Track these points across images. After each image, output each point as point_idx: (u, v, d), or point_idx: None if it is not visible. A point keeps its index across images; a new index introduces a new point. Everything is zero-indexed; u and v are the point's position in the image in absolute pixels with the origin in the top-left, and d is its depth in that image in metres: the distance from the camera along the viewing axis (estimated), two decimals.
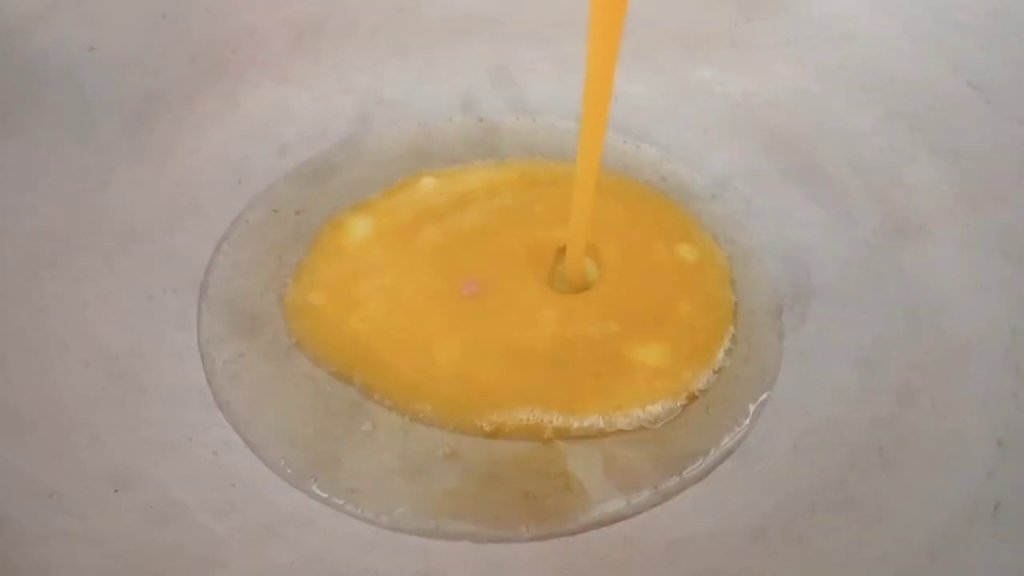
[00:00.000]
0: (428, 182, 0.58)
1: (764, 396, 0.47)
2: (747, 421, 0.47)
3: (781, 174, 0.57)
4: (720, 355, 0.49)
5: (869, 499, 0.42)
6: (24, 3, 0.54)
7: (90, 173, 0.53)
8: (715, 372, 0.49)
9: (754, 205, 0.56)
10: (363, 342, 0.49)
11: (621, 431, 0.46)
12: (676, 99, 0.61)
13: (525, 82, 0.63)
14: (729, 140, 0.60)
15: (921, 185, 0.53)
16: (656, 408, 0.47)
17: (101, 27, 0.56)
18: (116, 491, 0.42)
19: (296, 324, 0.50)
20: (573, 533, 0.43)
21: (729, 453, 0.46)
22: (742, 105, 0.60)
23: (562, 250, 0.52)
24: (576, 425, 0.46)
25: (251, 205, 0.56)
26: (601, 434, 0.46)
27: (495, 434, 0.46)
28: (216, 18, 0.60)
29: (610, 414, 0.47)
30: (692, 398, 0.48)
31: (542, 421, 0.46)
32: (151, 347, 0.48)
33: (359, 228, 0.55)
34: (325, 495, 0.44)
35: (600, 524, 0.43)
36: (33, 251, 0.49)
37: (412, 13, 0.63)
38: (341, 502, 0.44)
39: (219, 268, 0.53)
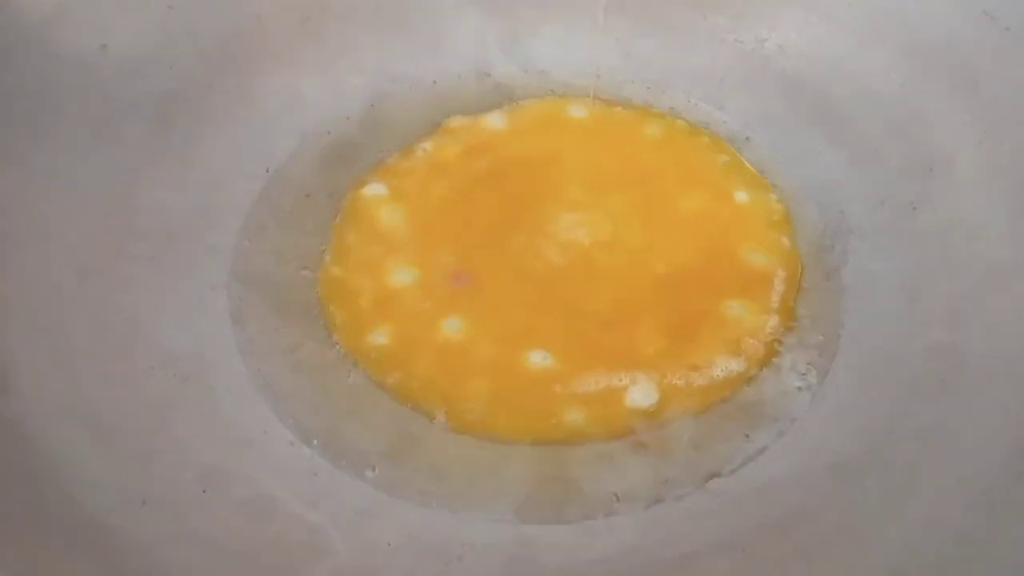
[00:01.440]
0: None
1: (821, 337, 0.48)
2: (808, 363, 0.48)
3: (801, 118, 0.58)
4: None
5: (938, 426, 0.43)
6: (34, 7, 0.52)
7: (120, 176, 0.52)
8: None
9: (778, 151, 0.57)
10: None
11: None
12: (688, 50, 0.62)
13: (534, 45, 0.63)
14: (745, 88, 0.60)
15: (943, 118, 0.54)
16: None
17: (111, 24, 0.55)
18: (204, 491, 0.42)
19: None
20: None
21: (792, 394, 0.47)
22: (756, 52, 0.61)
23: None
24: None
25: (283, 193, 0.56)
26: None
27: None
28: (221, 8, 0.59)
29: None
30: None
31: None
32: (210, 345, 0.49)
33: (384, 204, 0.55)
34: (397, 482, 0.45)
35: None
36: (80, 260, 0.49)
37: None
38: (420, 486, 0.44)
39: (263, 259, 0.53)
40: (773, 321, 0.50)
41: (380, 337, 0.50)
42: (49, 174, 0.50)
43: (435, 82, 0.61)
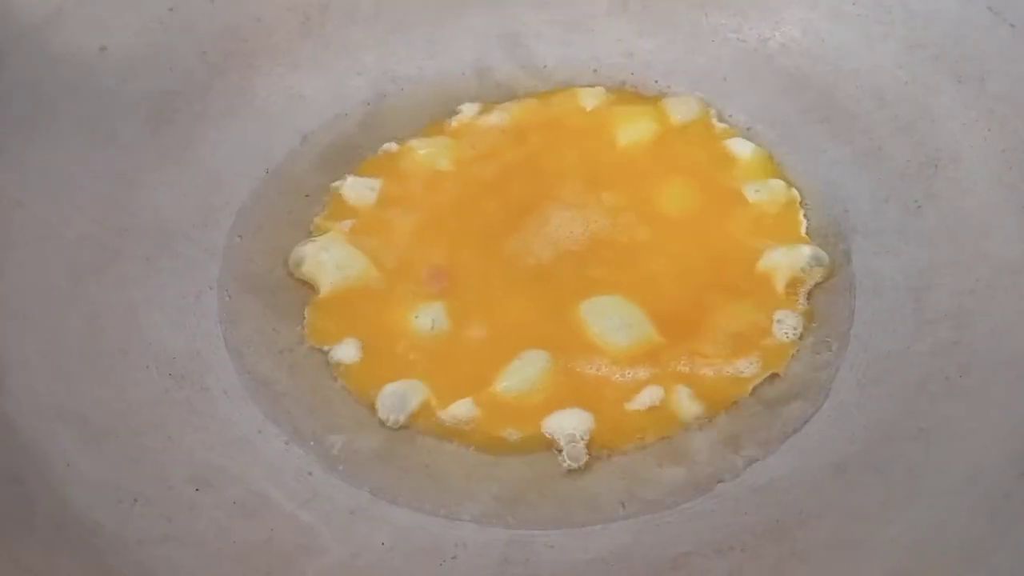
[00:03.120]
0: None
1: (825, 336, 0.48)
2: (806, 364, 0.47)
3: (805, 116, 0.58)
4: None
5: (942, 426, 0.42)
6: (33, 8, 0.53)
7: (118, 176, 0.53)
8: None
9: (782, 148, 0.57)
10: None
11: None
12: (691, 49, 0.61)
13: (535, 44, 0.63)
14: (748, 86, 0.60)
15: (949, 114, 0.53)
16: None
17: (110, 26, 0.55)
18: (197, 490, 0.42)
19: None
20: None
21: (794, 396, 0.46)
22: (758, 50, 0.60)
23: None
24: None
25: (282, 193, 0.55)
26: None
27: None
28: (221, 9, 0.59)
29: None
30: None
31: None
32: (206, 345, 0.48)
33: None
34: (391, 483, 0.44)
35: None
36: (75, 259, 0.49)
37: None
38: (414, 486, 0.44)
39: (261, 259, 0.52)
40: (782, 321, 0.49)
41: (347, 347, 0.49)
42: (46, 174, 0.50)
43: (435, 82, 0.61)
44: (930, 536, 0.38)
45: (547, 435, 0.45)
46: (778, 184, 0.54)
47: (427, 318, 0.49)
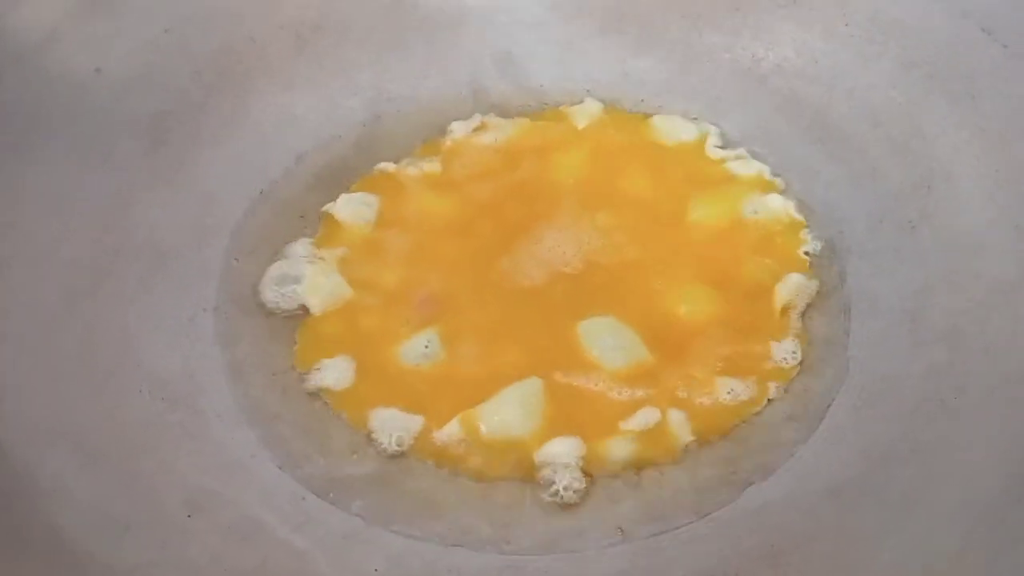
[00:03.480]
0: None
1: (819, 357, 0.48)
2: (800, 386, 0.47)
3: (799, 136, 0.58)
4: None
5: (938, 448, 0.42)
6: (28, 30, 0.53)
7: (112, 197, 0.52)
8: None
9: (775, 168, 0.57)
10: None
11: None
12: (685, 69, 0.61)
13: (529, 63, 0.63)
14: (741, 107, 0.60)
15: (942, 133, 0.53)
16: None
17: (105, 48, 0.55)
18: (189, 516, 0.42)
19: None
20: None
21: (788, 418, 0.46)
22: (752, 70, 0.60)
23: None
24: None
25: (277, 214, 0.55)
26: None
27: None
28: (215, 29, 0.59)
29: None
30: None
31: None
32: (200, 367, 0.48)
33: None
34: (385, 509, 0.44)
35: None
36: (69, 280, 0.48)
37: (406, 8, 0.63)
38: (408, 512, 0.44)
39: (254, 280, 0.52)
40: (779, 345, 0.49)
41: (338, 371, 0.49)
42: (40, 195, 0.50)
43: (430, 104, 0.61)
44: (926, 560, 0.38)
45: (541, 463, 0.44)
46: (777, 204, 0.54)
47: (420, 343, 0.49)
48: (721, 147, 0.58)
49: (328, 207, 0.55)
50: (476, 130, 0.59)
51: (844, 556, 0.39)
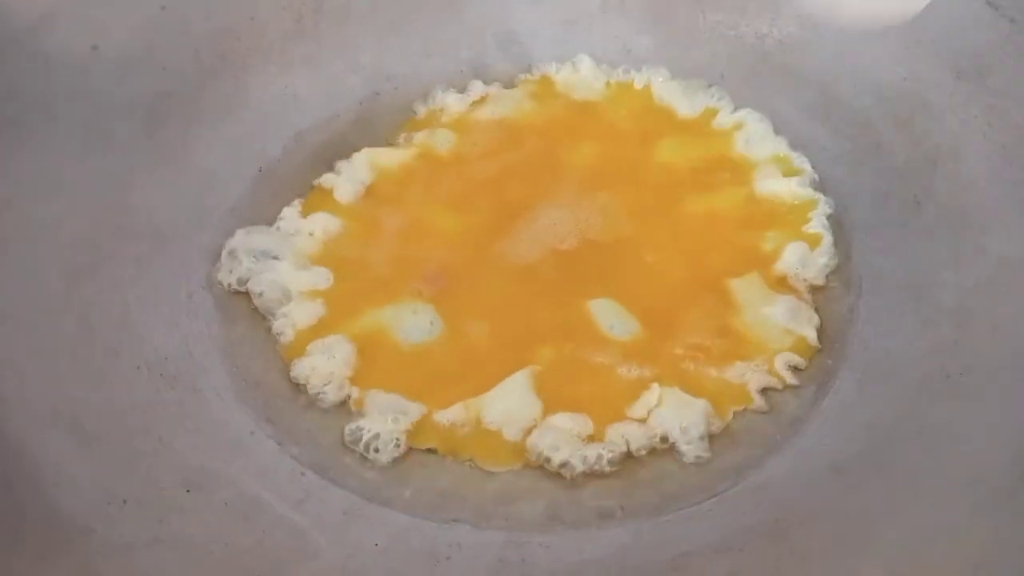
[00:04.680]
0: None
1: (825, 335, 0.47)
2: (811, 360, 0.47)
3: (803, 112, 0.57)
4: None
5: (943, 426, 0.42)
6: (25, 8, 0.52)
7: (111, 177, 0.52)
8: None
9: (780, 145, 0.56)
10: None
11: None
12: (688, 46, 0.61)
13: (530, 43, 0.62)
14: (746, 83, 0.59)
15: (948, 109, 0.53)
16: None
17: (102, 25, 0.55)
18: (188, 492, 0.41)
19: None
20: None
21: (793, 395, 0.46)
22: (756, 46, 0.60)
23: None
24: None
25: (275, 194, 0.55)
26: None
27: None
28: (214, 8, 0.58)
29: None
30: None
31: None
32: (198, 345, 0.48)
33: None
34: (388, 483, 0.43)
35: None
36: (68, 261, 0.48)
37: None
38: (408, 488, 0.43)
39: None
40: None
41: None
42: (38, 175, 0.50)
43: (430, 80, 0.60)
44: (930, 537, 0.37)
45: (542, 440, 0.44)
46: (789, 180, 0.53)
47: (424, 320, 0.48)
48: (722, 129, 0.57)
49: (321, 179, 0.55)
50: (476, 103, 0.59)
51: (848, 532, 0.38)
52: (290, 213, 0.53)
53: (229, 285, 0.50)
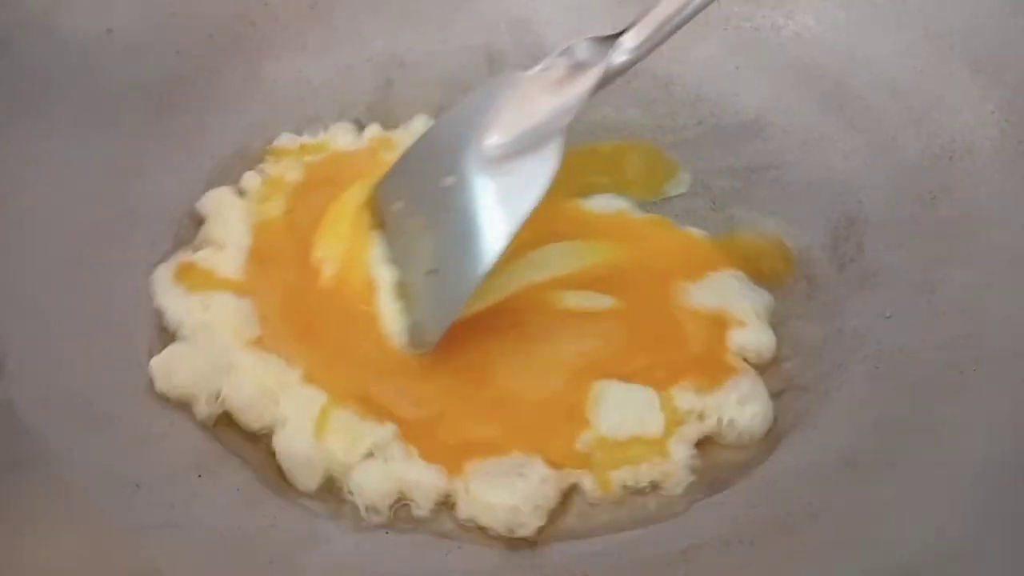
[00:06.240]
0: None
1: (835, 330, 0.47)
2: (816, 356, 0.47)
3: (818, 106, 0.57)
4: None
5: (955, 421, 0.42)
6: None
7: (123, 161, 0.52)
8: None
9: (794, 139, 0.56)
10: None
11: None
12: (702, 37, 0.60)
13: (544, 31, 0.62)
14: (760, 76, 0.59)
15: (964, 104, 0.52)
16: None
17: (117, 9, 0.55)
18: (200, 476, 0.41)
19: None
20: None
21: (805, 389, 0.46)
22: (771, 39, 0.59)
23: None
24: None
25: None
26: None
27: None
28: None
29: None
30: None
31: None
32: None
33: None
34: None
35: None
36: (79, 244, 0.48)
37: None
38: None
39: None
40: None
41: None
42: (50, 157, 0.50)
43: (444, 72, 0.60)
44: (941, 532, 0.37)
45: None
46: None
47: None
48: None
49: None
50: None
51: (859, 526, 0.38)
52: None
53: None
